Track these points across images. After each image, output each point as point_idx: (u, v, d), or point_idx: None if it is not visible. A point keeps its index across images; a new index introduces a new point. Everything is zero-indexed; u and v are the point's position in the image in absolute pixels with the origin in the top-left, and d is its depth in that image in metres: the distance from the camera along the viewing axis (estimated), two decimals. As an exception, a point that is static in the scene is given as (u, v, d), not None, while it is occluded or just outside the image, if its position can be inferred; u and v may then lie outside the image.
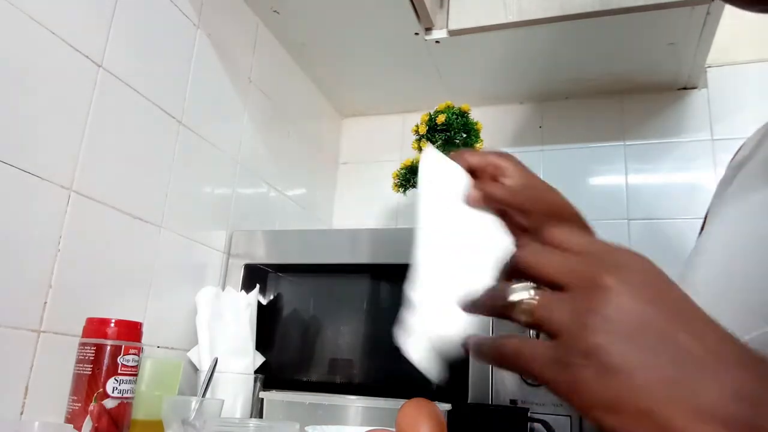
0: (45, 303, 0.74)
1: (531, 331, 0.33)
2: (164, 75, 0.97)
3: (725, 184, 0.51)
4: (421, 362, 0.38)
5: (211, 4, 1.08)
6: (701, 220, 0.57)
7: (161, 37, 0.96)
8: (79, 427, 0.69)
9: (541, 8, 1.12)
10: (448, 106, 1.21)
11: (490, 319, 0.36)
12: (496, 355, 0.30)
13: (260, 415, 0.92)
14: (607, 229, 1.36)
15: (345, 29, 1.24)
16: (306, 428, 0.71)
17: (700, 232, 0.61)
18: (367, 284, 1.02)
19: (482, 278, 0.36)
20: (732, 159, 0.55)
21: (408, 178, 1.21)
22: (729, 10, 1.10)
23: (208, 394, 0.89)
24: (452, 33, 1.21)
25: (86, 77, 0.81)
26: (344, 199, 1.61)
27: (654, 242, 1.31)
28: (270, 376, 0.98)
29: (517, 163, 0.54)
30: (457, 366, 0.91)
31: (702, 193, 1.29)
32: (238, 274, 1.08)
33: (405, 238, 1.01)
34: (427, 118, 1.22)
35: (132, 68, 0.89)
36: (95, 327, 0.73)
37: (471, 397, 0.88)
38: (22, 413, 0.71)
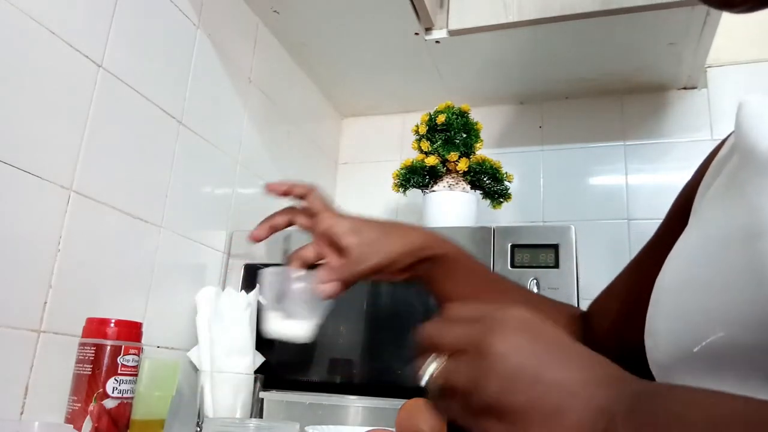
0: (45, 303, 0.74)
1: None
2: (164, 75, 0.97)
3: (705, 186, 0.52)
4: None
5: (211, 4, 1.08)
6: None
7: (161, 37, 0.96)
8: (79, 427, 0.69)
9: (541, 8, 1.12)
10: (448, 106, 1.21)
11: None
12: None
13: (260, 415, 0.92)
14: (607, 229, 1.37)
15: (345, 29, 1.24)
16: (306, 428, 0.71)
17: (663, 224, 0.62)
18: (367, 284, 1.02)
19: None
20: (711, 157, 0.54)
21: (408, 178, 1.21)
22: (729, 10, 1.11)
23: (207, 393, 0.90)
24: (452, 33, 1.21)
25: (86, 77, 0.81)
26: (344, 199, 1.61)
27: (654, 242, 1.31)
28: (270, 376, 0.98)
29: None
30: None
31: (702, 193, 1.29)
32: (238, 274, 1.08)
33: (405, 238, 1.01)
34: (427, 118, 1.22)
35: (132, 68, 0.89)
36: (95, 327, 0.73)
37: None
38: (22, 413, 0.71)
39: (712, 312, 0.36)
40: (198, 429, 0.90)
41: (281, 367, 1.02)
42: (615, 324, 0.59)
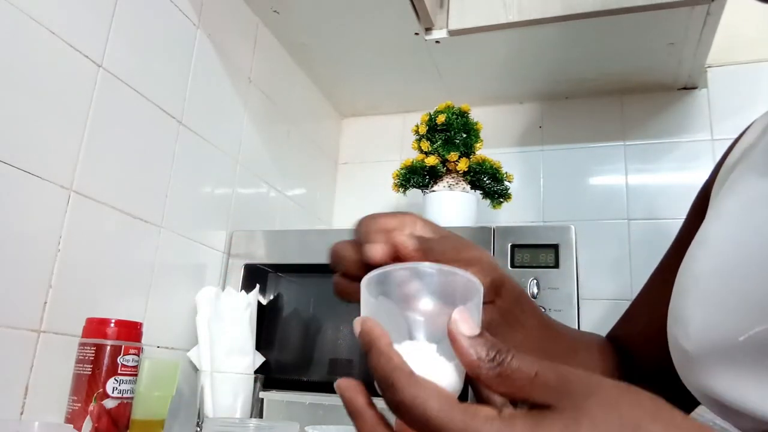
0: (45, 303, 0.74)
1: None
2: (164, 75, 0.97)
3: (726, 172, 0.51)
4: None
5: (211, 4, 1.08)
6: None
7: (161, 37, 0.96)
8: (79, 427, 0.69)
9: (542, 8, 1.12)
10: (448, 106, 1.21)
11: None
12: None
13: (260, 415, 0.92)
14: (607, 229, 1.37)
15: (345, 29, 1.24)
16: (306, 428, 0.71)
17: (684, 225, 0.60)
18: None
19: None
20: (731, 148, 0.54)
21: (408, 178, 1.21)
22: (729, 10, 1.11)
23: (207, 393, 0.90)
24: (452, 33, 1.21)
25: (86, 77, 0.81)
26: (344, 199, 1.61)
27: (654, 242, 1.31)
28: (270, 376, 0.98)
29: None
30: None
31: (702, 193, 1.29)
32: (238, 274, 1.08)
33: (405, 238, 1.01)
34: (427, 118, 1.22)
35: (132, 68, 0.89)
36: (95, 327, 0.73)
37: (471, 397, 0.88)
38: (22, 413, 0.71)
39: (762, 300, 0.35)
40: (198, 429, 0.90)
41: (281, 367, 1.02)
42: (654, 339, 0.52)
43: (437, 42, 1.24)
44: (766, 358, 0.35)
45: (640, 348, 0.56)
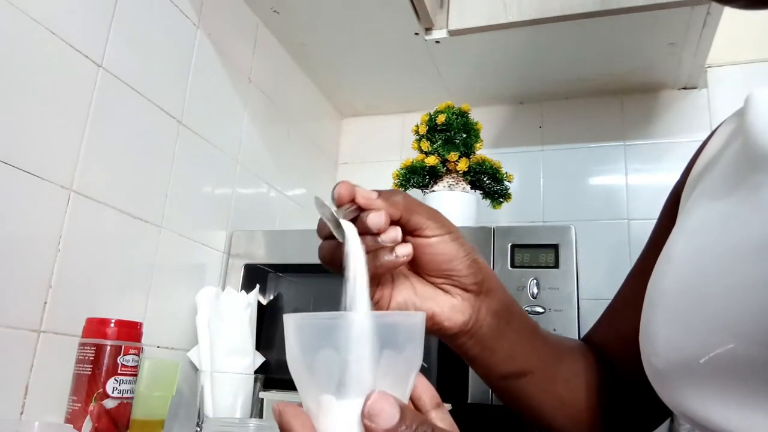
0: (45, 303, 0.74)
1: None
2: (164, 75, 0.97)
3: (693, 181, 0.50)
4: None
5: (211, 4, 1.08)
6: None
7: (161, 37, 0.96)
8: (79, 427, 0.69)
9: (541, 8, 1.12)
10: (448, 106, 1.21)
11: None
12: None
13: (260, 415, 0.92)
14: (607, 229, 1.37)
15: (345, 29, 1.24)
16: (306, 428, 0.71)
17: (657, 227, 0.60)
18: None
19: None
20: (700, 150, 0.53)
21: (408, 178, 1.21)
22: (729, 10, 1.11)
23: (207, 393, 0.89)
24: (452, 33, 1.21)
25: (86, 77, 0.81)
26: (344, 199, 1.60)
27: (654, 242, 1.31)
28: (270, 376, 0.98)
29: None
30: (456, 366, 0.91)
31: (702, 193, 1.29)
32: (238, 274, 1.08)
33: (405, 238, 1.01)
34: (427, 118, 1.22)
35: (132, 68, 0.89)
36: (95, 327, 0.73)
37: (471, 397, 0.88)
38: (22, 413, 0.71)
39: (720, 322, 0.35)
40: (198, 429, 0.90)
41: (281, 367, 1.02)
42: (631, 346, 0.51)
43: (437, 42, 1.24)
44: (727, 380, 0.35)
45: (619, 354, 0.56)
